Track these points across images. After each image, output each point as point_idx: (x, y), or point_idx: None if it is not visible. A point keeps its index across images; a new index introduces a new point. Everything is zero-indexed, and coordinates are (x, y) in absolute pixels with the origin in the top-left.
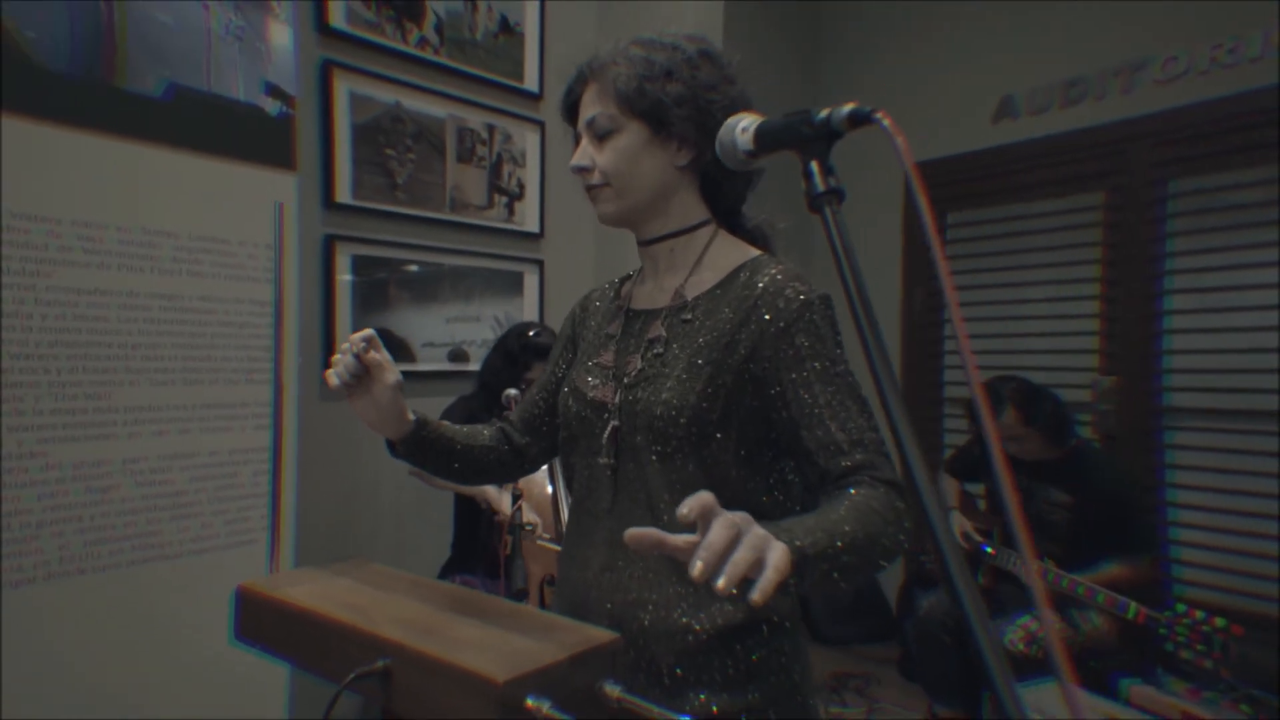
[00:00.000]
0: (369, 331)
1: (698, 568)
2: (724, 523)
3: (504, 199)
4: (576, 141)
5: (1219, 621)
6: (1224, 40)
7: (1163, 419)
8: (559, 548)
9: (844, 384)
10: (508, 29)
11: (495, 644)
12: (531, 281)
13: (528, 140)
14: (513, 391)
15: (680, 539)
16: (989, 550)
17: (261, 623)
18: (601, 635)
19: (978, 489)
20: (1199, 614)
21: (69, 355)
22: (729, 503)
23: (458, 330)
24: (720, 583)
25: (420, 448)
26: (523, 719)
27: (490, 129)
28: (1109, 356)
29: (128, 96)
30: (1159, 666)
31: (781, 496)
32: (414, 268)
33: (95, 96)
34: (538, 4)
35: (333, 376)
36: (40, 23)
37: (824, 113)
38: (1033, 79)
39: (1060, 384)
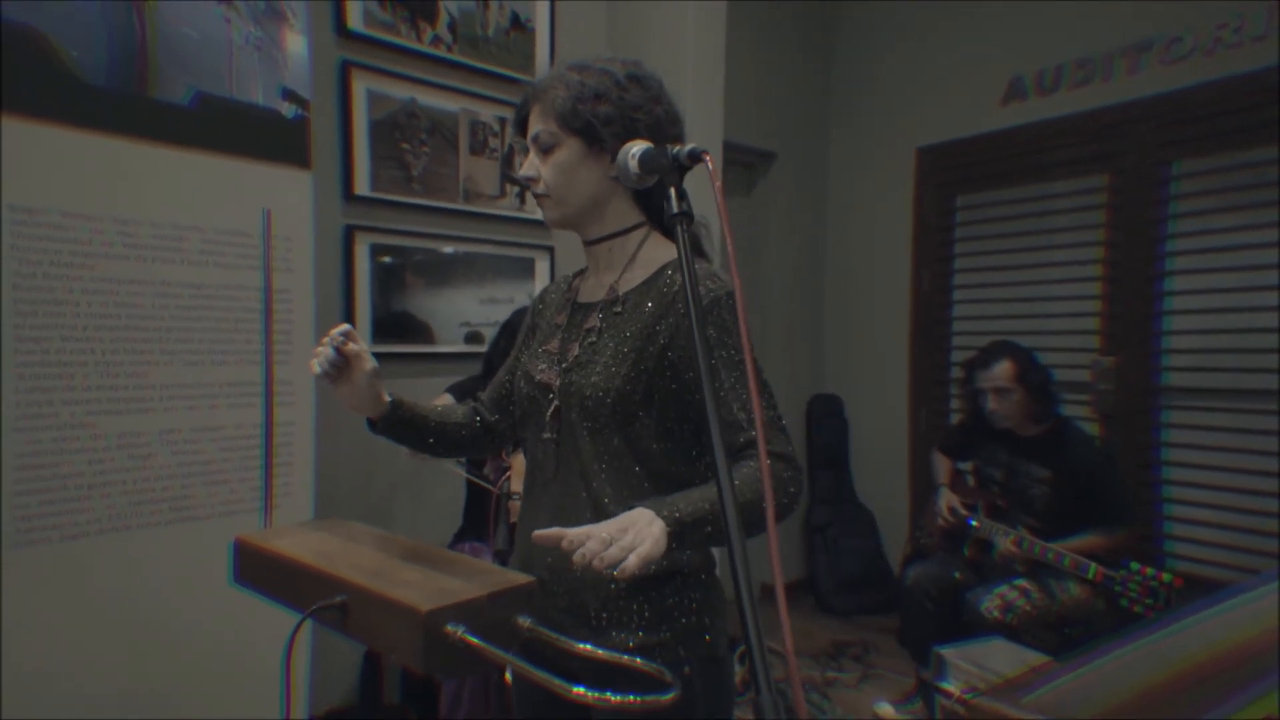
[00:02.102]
0: (346, 326)
1: (576, 558)
2: (600, 537)
3: (515, 189)
4: (526, 153)
5: (1165, 576)
6: (1228, 19)
7: (1160, 398)
8: None
9: (746, 370)
10: (519, 25)
11: (429, 584)
12: (543, 267)
13: None
14: None
15: (576, 533)
16: (974, 523)
17: (253, 568)
18: (518, 578)
19: (966, 467)
20: (1149, 571)
21: (112, 338)
22: (651, 472)
23: (489, 312)
24: (595, 564)
25: (396, 425)
26: (442, 641)
27: (501, 122)
28: (1109, 337)
29: (159, 105)
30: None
31: (702, 467)
32: (441, 252)
33: (130, 106)
34: (548, 1)
35: (315, 366)
36: (83, 42)
37: (674, 149)
38: (1041, 60)
39: (1062, 364)
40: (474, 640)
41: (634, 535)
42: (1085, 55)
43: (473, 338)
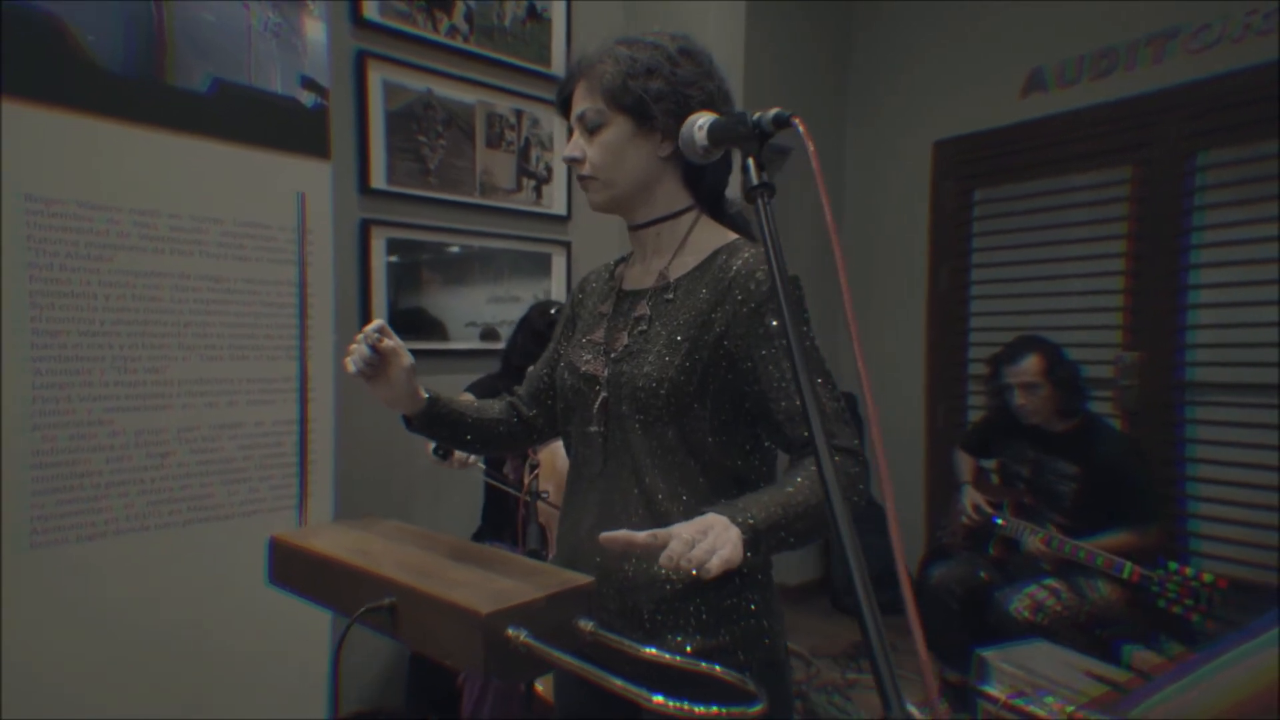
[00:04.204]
0: (380, 322)
1: (662, 559)
2: (683, 538)
3: (532, 182)
4: (570, 133)
5: (1206, 577)
6: (1259, 5)
7: (1184, 394)
8: None
9: (809, 359)
10: (535, 15)
11: (483, 584)
12: (559, 263)
13: (555, 124)
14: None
15: (641, 537)
16: (999, 522)
17: (290, 568)
18: (577, 578)
19: (990, 464)
20: (1188, 570)
21: (129, 332)
22: (705, 466)
23: (498, 310)
24: (682, 564)
25: (433, 422)
26: (503, 645)
27: (518, 114)
28: (1133, 332)
29: (176, 92)
30: (1161, 633)
31: (756, 461)
32: (454, 248)
33: (148, 93)
34: None
35: (350, 364)
36: (100, 27)
37: (755, 115)
38: (1062, 51)
39: (1084, 360)
40: (537, 645)
41: (714, 538)
42: (1108, 45)
43: (488, 334)
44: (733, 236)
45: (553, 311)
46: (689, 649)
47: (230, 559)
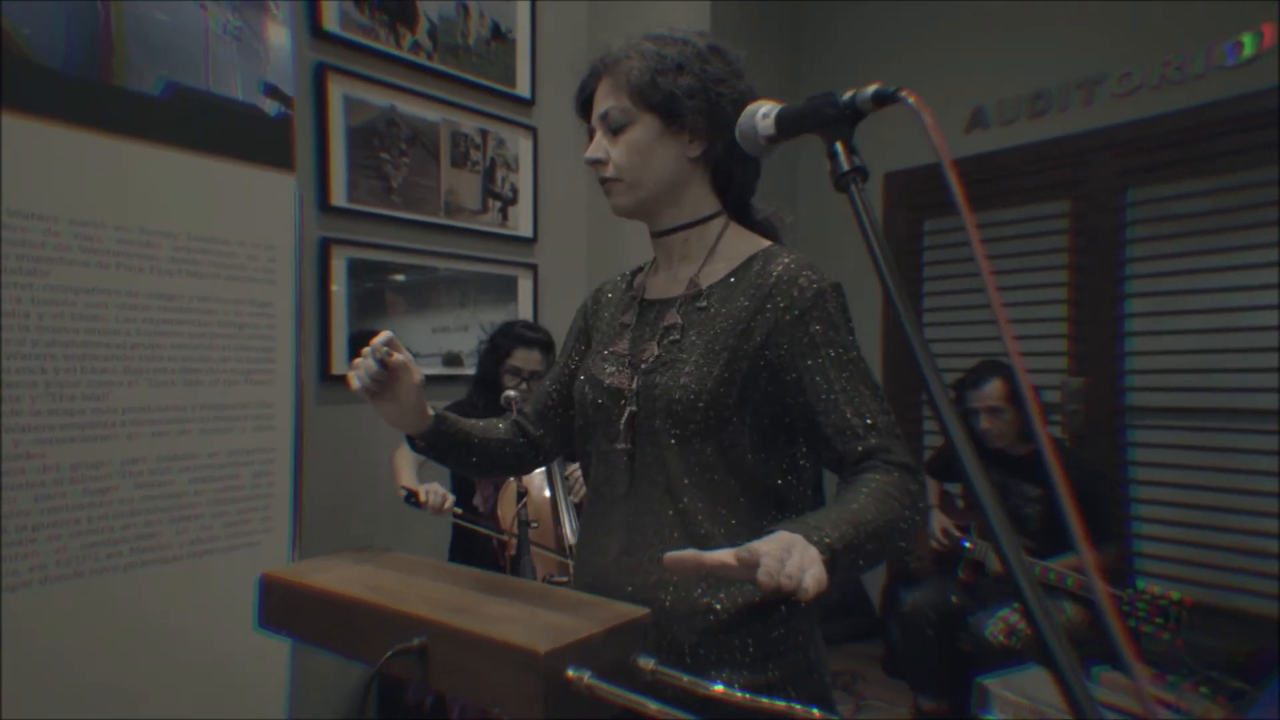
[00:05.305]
0: (388, 334)
1: (760, 575)
2: (774, 555)
3: (497, 203)
4: (590, 136)
5: (1174, 595)
6: (1171, 58)
7: (1125, 418)
8: (549, 551)
9: (857, 369)
10: (499, 35)
11: (528, 619)
12: (525, 285)
13: (520, 145)
14: (512, 393)
15: (714, 557)
16: (967, 545)
17: (287, 609)
18: (632, 610)
19: (956, 488)
20: (1156, 589)
21: (67, 355)
22: (745, 485)
23: (443, 340)
24: (783, 583)
25: (439, 442)
26: (564, 688)
27: (484, 134)
28: (1077, 358)
29: (126, 95)
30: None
31: (794, 480)
32: (402, 276)
33: (93, 95)
34: (528, 9)
35: (354, 379)
36: (37, 20)
37: (848, 94)
38: (1001, 91)
39: (1033, 385)
40: (603, 686)
41: (800, 556)
42: (1042, 87)
43: (451, 360)
44: (765, 243)
45: (518, 328)
46: (737, 685)
47: (178, 605)
